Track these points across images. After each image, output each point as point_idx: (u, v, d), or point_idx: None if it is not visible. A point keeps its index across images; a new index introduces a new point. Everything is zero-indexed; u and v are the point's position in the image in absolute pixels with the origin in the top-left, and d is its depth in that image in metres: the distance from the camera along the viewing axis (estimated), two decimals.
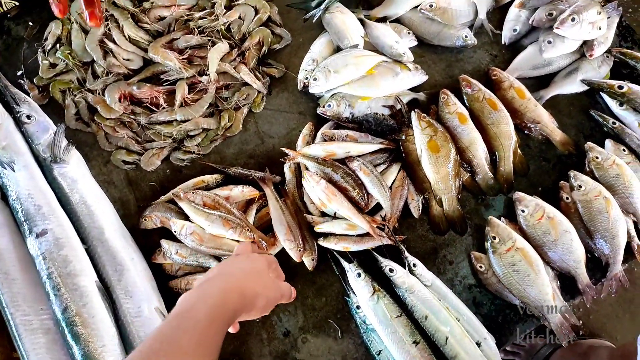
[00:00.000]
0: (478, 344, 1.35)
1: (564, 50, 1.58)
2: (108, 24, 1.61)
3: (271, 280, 1.05)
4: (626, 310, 2.40)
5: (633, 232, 1.48)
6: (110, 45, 1.60)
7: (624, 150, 1.55)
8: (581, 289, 1.43)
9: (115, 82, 1.56)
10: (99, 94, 1.56)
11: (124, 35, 1.61)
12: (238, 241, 1.38)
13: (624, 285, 1.46)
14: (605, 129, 1.60)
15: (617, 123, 1.58)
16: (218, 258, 1.40)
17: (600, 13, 1.57)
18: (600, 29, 1.57)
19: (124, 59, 1.60)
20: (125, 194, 1.53)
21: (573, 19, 1.53)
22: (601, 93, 1.62)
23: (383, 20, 1.69)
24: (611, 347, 1.86)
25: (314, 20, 1.64)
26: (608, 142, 1.56)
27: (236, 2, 1.67)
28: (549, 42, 1.58)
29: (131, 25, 1.60)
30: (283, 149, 1.50)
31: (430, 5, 1.64)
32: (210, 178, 1.49)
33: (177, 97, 1.54)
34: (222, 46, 1.59)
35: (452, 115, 1.53)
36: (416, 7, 1.67)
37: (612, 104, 1.60)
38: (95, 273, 1.35)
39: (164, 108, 1.54)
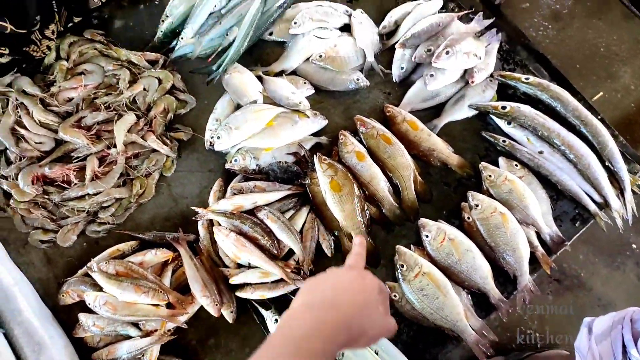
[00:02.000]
0: None
1: (446, 81, 1.70)
2: (19, 112, 1.68)
3: (380, 316, 0.94)
4: (580, 317, 2.45)
5: (536, 242, 1.56)
6: (22, 131, 1.66)
7: (516, 165, 1.65)
8: (494, 304, 1.49)
9: (28, 165, 1.61)
10: (12, 179, 1.61)
11: (35, 120, 1.68)
12: (154, 305, 1.41)
13: (536, 295, 1.52)
14: (498, 147, 1.70)
15: (507, 141, 1.68)
16: (136, 324, 1.43)
17: (475, 43, 1.70)
18: (477, 56, 1.70)
19: (35, 143, 1.66)
20: (45, 273, 1.55)
21: (447, 52, 1.65)
22: (490, 115, 1.73)
23: (281, 74, 1.79)
24: (566, 356, 1.89)
25: (214, 82, 1.74)
26: (501, 160, 1.66)
27: (140, 76, 1.76)
28: (431, 75, 1.70)
29: (40, 109, 1.68)
30: (193, 208, 1.55)
31: (320, 56, 1.76)
32: (125, 246, 1.53)
33: (87, 171, 1.60)
34: (128, 118, 1.67)
35: (350, 154, 1.62)
36: (309, 58, 1.78)
37: (502, 123, 1.71)
38: (14, 355, 1.35)
39: (75, 184, 1.59)
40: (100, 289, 1.43)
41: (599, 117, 1.83)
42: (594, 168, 1.60)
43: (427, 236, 1.52)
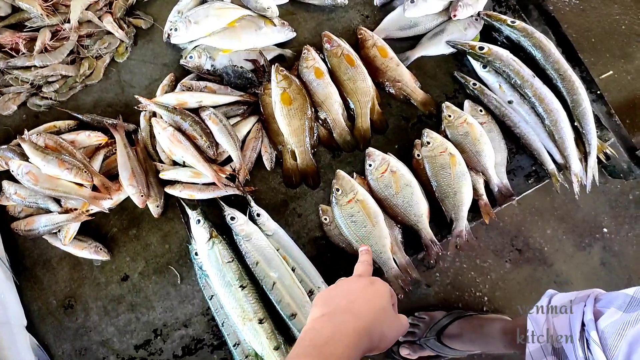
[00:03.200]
0: (311, 292, 1.36)
1: (427, 10, 1.59)
2: None
3: (395, 317, 0.96)
4: (533, 290, 2.42)
5: (482, 190, 1.50)
6: None
7: (480, 111, 1.56)
8: (424, 244, 1.45)
9: None
10: None
11: None
12: (76, 184, 1.38)
13: (470, 242, 1.47)
14: (467, 90, 1.61)
15: (478, 84, 1.59)
16: (57, 200, 1.41)
17: None
18: None
19: None
20: None
21: None
22: (468, 56, 1.62)
23: None
24: (506, 320, 1.87)
25: None
26: (466, 103, 1.58)
27: None
28: (412, 1, 1.58)
29: None
30: (137, 96, 1.50)
31: None
32: (62, 124, 1.50)
33: (37, 43, 1.54)
34: None
35: (309, 70, 1.54)
36: None
37: (477, 65, 1.61)
38: None
39: (23, 54, 1.54)
40: (28, 160, 1.40)
41: (598, 92, 1.72)
42: (561, 125, 1.51)
43: (370, 165, 1.46)
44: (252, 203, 1.44)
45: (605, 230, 2.71)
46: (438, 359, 1.74)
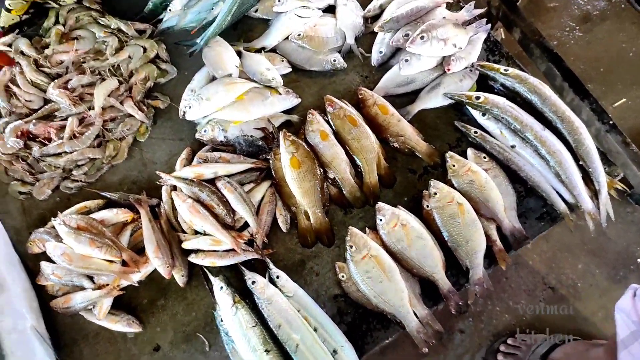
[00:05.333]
0: (335, 352, 1.39)
1: (421, 67, 1.68)
2: (14, 71, 1.79)
3: None
4: (570, 329, 2.37)
5: (495, 236, 1.52)
6: (15, 89, 1.77)
7: (484, 157, 1.61)
8: (442, 295, 1.47)
9: (16, 121, 1.72)
10: (0, 132, 1.72)
11: (27, 80, 1.78)
12: (107, 260, 1.48)
13: (489, 289, 1.49)
14: (469, 138, 1.66)
15: (479, 132, 1.64)
16: (91, 277, 1.50)
17: (455, 31, 1.67)
18: (455, 45, 1.66)
19: (25, 100, 1.77)
20: (19, 222, 1.66)
21: (422, 37, 1.63)
22: (466, 105, 1.69)
23: (261, 50, 1.82)
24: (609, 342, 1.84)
25: (194, 54, 1.78)
26: (469, 151, 1.63)
27: (127, 44, 1.83)
28: (406, 60, 1.67)
29: (33, 70, 1.78)
30: (158, 172, 1.61)
31: (299, 34, 1.77)
32: (92, 203, 1.62)
33: (66, 130, 1.68)
34: (110, 82, 1.74)
35: (315, 133, 1.63)
36: (288, 37, 1.80)
37: (476, 114, 1.67)
38: None
39: (55, 142, 1.68)
40: (62, 240, 1.51)
41: (610, 122, 1.75)
42: (566, 165, 1.54)
43: (380, 220, 1.52)
44: (271, 265, 1.50)
45: (639, 260, 2.64)
46: None
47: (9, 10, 1.79)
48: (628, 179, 1.80)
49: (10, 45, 1.84)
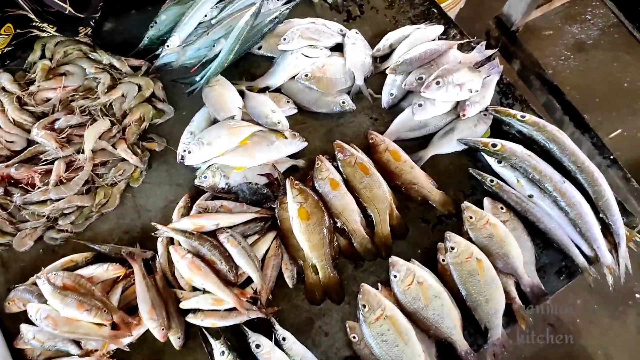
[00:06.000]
0: None
1: (435, 112, 1.61)
2: None
3: None
4: (628, 349, 2.31)
5: (514, 293, 1.44)
6: None
7: (501, 208, 1.53)
8: (461, 356, 1.37)
9: None
10: None
11: (9, 119, 1.64)
12: (97, 324, 1.34)
13: (507, 347, 1.40)
14: (485, 187, 1.59)
15: (495, 181, 1.57)
16: (78, 342, 1.36)
17: (470, 75, 1.60)
18: (471, 90, 1.59)
19: (7, 141, 1.63)
20: None
21: (438, 82, 1.56)
22: (481, 152, 1.62)
23: (265, 90, 1.73)
24: None
25: (193, 93, 1.68)
26: (486, 201, 1.55)
27: (120, 81, 1.71)
28: (420, 105, 1.60)
29: (15, 108, 1.65)
30: (153, 223, 1.48)
31: (306, 75, 1.69)
32: (79, 257, 1.48)
33: (52, 176, 1.55)
34: (101, 124, 1.62)
35: (324, 181, 1.53)
36: (294, 76, 1.71)
37: (492, 161, 1.60)
38: None
39: (39, 188, 1.55)
40: (46, 300, 1.37)
41: (611, 157, 1.70)
42: (587, 219, 1.48)
43: (395, 276, 1.42)
44: (277, 326, 1.39)
45: (637, 295, 2.60)
46: None
47: None
48: None
49: None
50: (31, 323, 1.37)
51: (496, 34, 2.61)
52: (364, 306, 1.38)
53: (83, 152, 1.58)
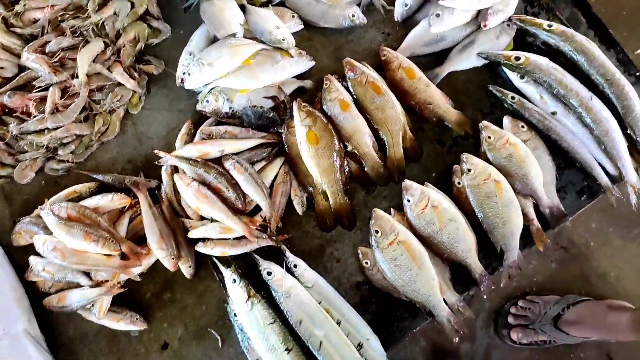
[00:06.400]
0: (360, 345, 1.28)
1: (454, 23, 1.47)
2: None
3: None
4: (583, 289, 2.31)
5: (532, 215, 1.39)
6: None
7: (522, 127, 1.44)
8: (476, 279, 1.35)
9: None
10: None
11: None
12: (106, 255, 1.32)
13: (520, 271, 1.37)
14: (505, 105, 1.48)
15: (517, 97, 1.46)
16: (87, 273, 1.35)
17: None
18: None
19: None
20: (0, 210, 1.47)
21: None
22: (502, 66, 1.49)
23: (267, 4, 1.58)
24: (631, 309, 1.76)
25: (190, 9, 1.54)
26: (506, 119, 1.46)
27: None
28: (437, 15, 1.46)
29: (2, 30, 1.53)
30: (156, 151, 1.42)
31: None
32: (82, 187, 1.44)
33: (47, 103, 1.47)
34: (94, 45, 1.51)
35: (333, 103, 1.44)
36: None
37: (513, 77, 1.49)
38: None
39: (35, 116, 1.48)
40: (52, 233, 1.35)
41: (637, 74, 1.58)
42: (613, 135, 1.39)
43: (408, 200, 1.36)
44: (288, 253, 1.36)
45: None
46: (549, 344, 1.77)
47: None
48: None
49: None
50: (40, 255, 1.36)
51: None
52: (377, 231, 1.34)
53: (77, 77, 1.49)
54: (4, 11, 1.55)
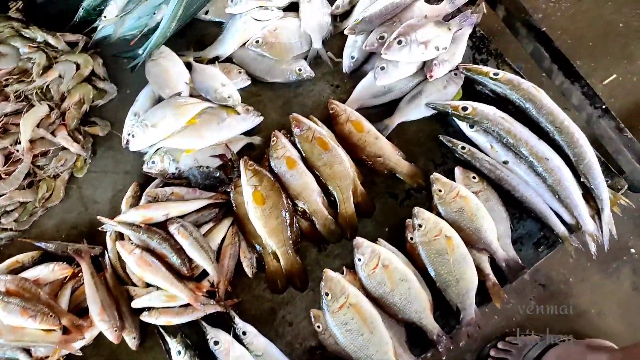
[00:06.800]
0: None
1: (399, 75, 1.46)
2: None
3: None
4: (563, 327, 2.25)
5: (488, 270, 1.35)
6: None
7: (474, 177, 1.41)
8: (433, 340, 1.30)
9: None
10: None
11: None
12: (46, 330, 1.27)
13: (479, 329, 1.33)
14: (456, 155, 1.46)
15: (467, 147, 1.44)
16: (28, 350, 1.29)
17: (437, 30, 1.43)
18: (438, 48, 1.43)
19: None
20: None
21: (399, 42, 1.40)
22: (452, 117, 1.48)
23: (214, 61, 1.57)
24: (612, 349, 1.71)
25: (136, 69, 1.53)
26: (457, 170, 1.43)
27: (56, 60, 1.56)
28: (382, 68, 1.45)
29: None
30: (99, 217, 1.38)
31: (257, 41, 1.53)
32: (25, 257, 1.39)
33: None
34: (38, 110, 1.49)
35: (280, 160, 1.41)
36: (245, 44, 1.55)
37: (463, 126, 1.47)
38: None
39: None
40: None
41: (603, 107, 1.57)
42: (566, 184, 1.36)
43: (359, 259, 1.32)
44: (237, 319, 1.31)
45: (632, 250, 2.51)
46: None
47: None
48: (621, 165, 1.63)
49: None
50: None
51: None
52: (327, 294, 1.29)
53: (20, 143, 1.46)
54: None
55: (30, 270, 1.36)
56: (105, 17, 1.56)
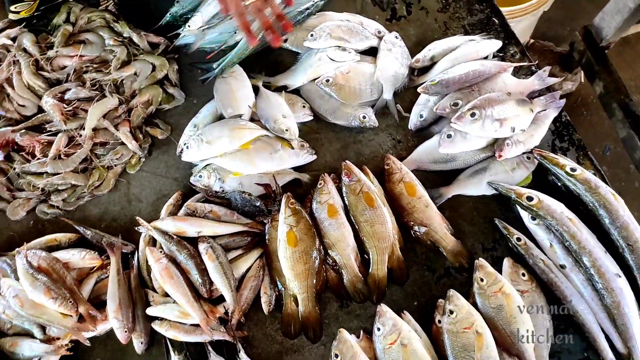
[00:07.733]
0: None
1: (465, 147, 1.37)
2: (11, 69, 1.62)
3: None
4: None
5: None
6: (9, 90, 1.61)
7: (523, 275, 1.29)
8: None
9: (3, 127, 1.56)
10: None
11: (23, 82, 1.61)
12: (62, 313, 1.30)
13: None
14: (510, 244, 1.35)
15: (523, 239, 1.33)
16: (43, 327, 1.34)
17: (517, 110, 1.34)
18: (514, 129, 1.33)
19: (18, 105, 1.61)
20: None
21: (473, 114, 1.31)
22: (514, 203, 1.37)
23: (282, 89, 1.56)
24: None
25: (206, 82, 1.55)
26: (506, 262, 1.32)
27: (135, 58, 1.62)
28: (449, 135, 1.37)
29: (31, 72, 1.61)
30: (137, 218, 1.41)
31: (327, 80, 1.49)
32: (63, 237, 1.44)
33: (52, 149, 1.51)
34: (108, 101, 1.55)
35: (322, 206, 1.37)
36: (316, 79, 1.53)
37: (525, 215, 1.35)
38: None
39: (38, 159, 1.52)
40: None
41: None
42: (626, 310, 1.21)
43: (378, 329, 1.25)
44: (242, 353, 1.29)
45: None
46: None
47: (17, 14, 1.63)
48: None
49: (14, 40, 1.66)
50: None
51: (582, 48, 2.24)
52: (337, 355, 1.23)
53: (84, 129, 1.52)
54: (38, 53, 1.63)
55: (64, 251, 1.41)
56: (189, 26, 1.59)
